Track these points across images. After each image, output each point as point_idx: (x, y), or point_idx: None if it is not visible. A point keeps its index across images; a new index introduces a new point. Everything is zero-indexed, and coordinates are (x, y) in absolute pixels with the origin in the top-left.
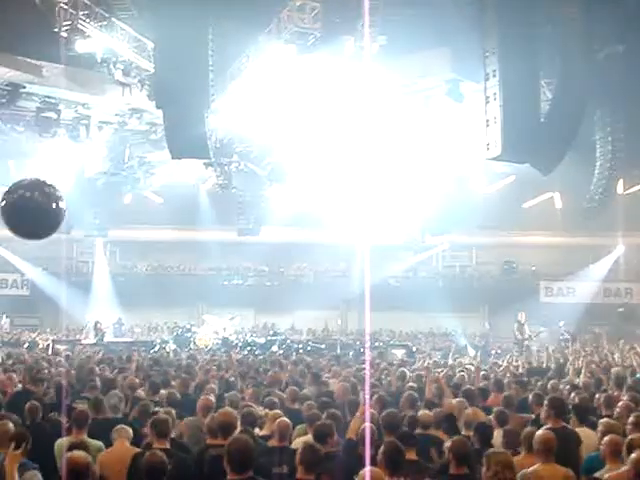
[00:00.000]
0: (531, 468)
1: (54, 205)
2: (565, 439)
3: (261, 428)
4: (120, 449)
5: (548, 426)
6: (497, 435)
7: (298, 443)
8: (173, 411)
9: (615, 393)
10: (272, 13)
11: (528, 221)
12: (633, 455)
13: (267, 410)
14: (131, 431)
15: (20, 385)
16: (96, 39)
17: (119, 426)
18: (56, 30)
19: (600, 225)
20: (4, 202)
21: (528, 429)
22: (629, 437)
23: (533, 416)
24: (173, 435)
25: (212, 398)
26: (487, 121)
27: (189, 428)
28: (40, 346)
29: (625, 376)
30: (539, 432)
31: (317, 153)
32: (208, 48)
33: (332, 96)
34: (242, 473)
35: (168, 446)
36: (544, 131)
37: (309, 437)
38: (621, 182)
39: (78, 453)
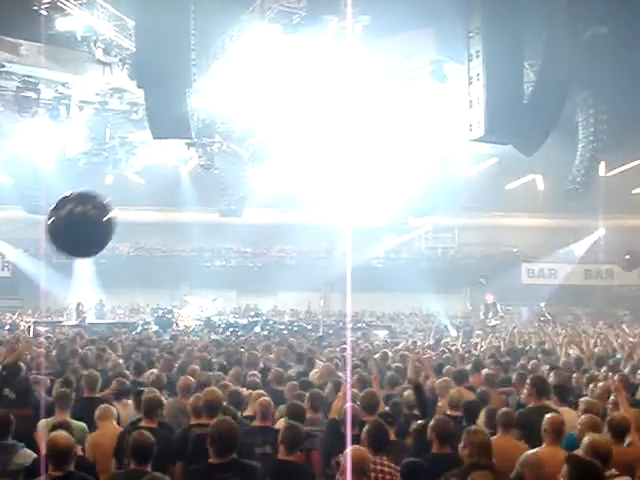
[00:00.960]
0: (533, 450)
1: (106, 218)
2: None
3: (244, 409)
4: (110, 430)
5: (530, 405)
6: (481, 415)
7: (281, 423)
8: (157, 391)
9: (596, 373)
10: None
11: (510, 203)
12: (585, 439)
13: (250, 391)
14: (115, 410)
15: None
16: (76, 17)
17: (103, 406)
18: (36, 8)
19: (582, 207)
20: (52, 221)
21: (504, 409)
22: (609, 416)
23: (514, 390)
24: None
25: (192, 379)
26: (470, 102)
27: (169, 409)
28: (21, 328)
29: (605, 356)
30: (549, 415)
31: (300, 134)
32: (190, 27)
33: (315, 76)
34: (225, 456)
35: (156, 425)
36: (527, 112)
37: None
38: (603, 164)
39: (61, 434)
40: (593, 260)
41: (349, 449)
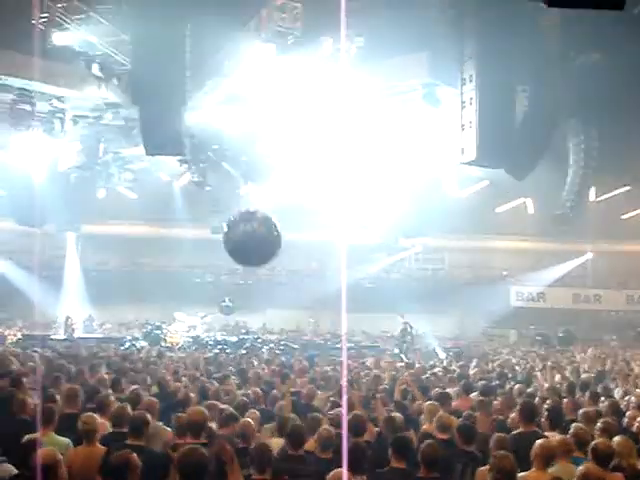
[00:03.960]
0: (522, 474)
1: (275, 233)
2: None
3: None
4: (87, 447)
5: (519, 430)
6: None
7: (273, 443)
8: (129, 407)
9: (580, 398)
10: (252, 11)
11: (500, 226)
12: (580, 468)
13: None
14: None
15: None
16: (74, 32)
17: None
18: (33, 22)
19: (572, 231)
20: (229, 238)
21: (497, 435)
22: (595, 442)
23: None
24: None
25: (155, 399)
26: (462, 126)
27: None
28: (9, 341)
29: (590, 382)
30: (540, 441)
31: (293, 153)
32: (185, 45)
33: (309, 96)
34: None
35: (143, 443)
36: (519, 137)
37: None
38: (593, 189)
39: (48, 449)
40: (581, 284)
41: (335, 472)
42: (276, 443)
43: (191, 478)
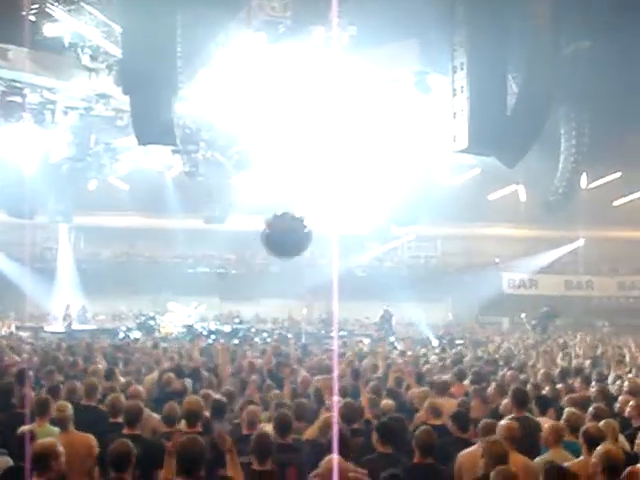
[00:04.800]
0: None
1: (306, 230)
2: (527, 429)
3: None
4: (75, 435)
5: (511, 416)
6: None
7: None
8: (122, 396)
9: (575, 384)
10: (242, 1)
11: (492, 213)
12: (599, 448)
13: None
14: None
15: None
16: (64, 23)
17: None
18: (23, 13)
19: (564, 218)
20: (268, 235)
21: (484, 421)
22: (585, 426)
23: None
24: None
25: (141, 388)
26: (454, 114)
27: None
28: (2, 333)
29: (583, 368)
30: (502, 421)
31: (285, 142)
32: (176, 34)
33: (301, 85)
34: (190, 476)
35: (139, 432)
36: (510, 124)
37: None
38: (584, 176)
39: (46, 439)
40: (573, 271)
41: (327, 457)
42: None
43: (190, 467)
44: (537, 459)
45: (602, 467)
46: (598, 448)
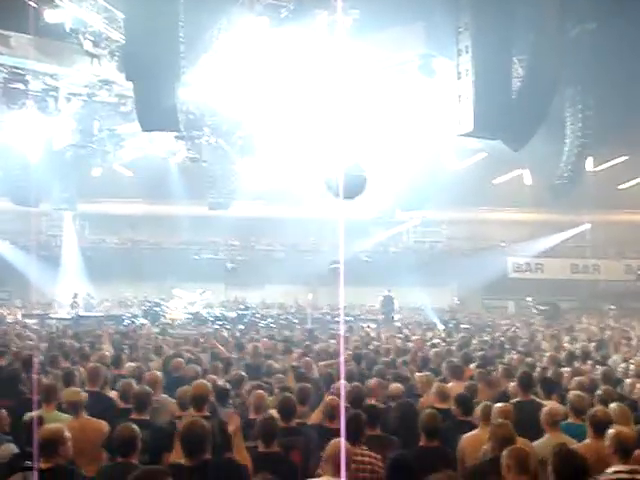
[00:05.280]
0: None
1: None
2: (533, 411)
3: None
4: (88, 421)
5: (517, 399)
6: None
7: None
8: (133, 382)
9: (582, 367)
10: None
11: (498, 197)
12: (611, 431)
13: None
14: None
15: None
16: (65, 9)
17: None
18: (25, 0)
19: (569, 202)
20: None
21: (484, 404)
22: (593, 409)
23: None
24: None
25: (158, 373)
26: (459, 97)
27: None
28: (8, 320)
29: (589, 350)
30: (497, 405)
31: (288, 127)
32: (179, 19)
33: (304, 70)
34: (194, 458)
35: (148, 417)
36: (515, 108)
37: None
38: (590, 160)
39: (53, 424)
40: (579, 254)
41: (333, 441)
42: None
43: (194, 449)
44: (535, 442)
45: (614, 449)
46: (610, 431)
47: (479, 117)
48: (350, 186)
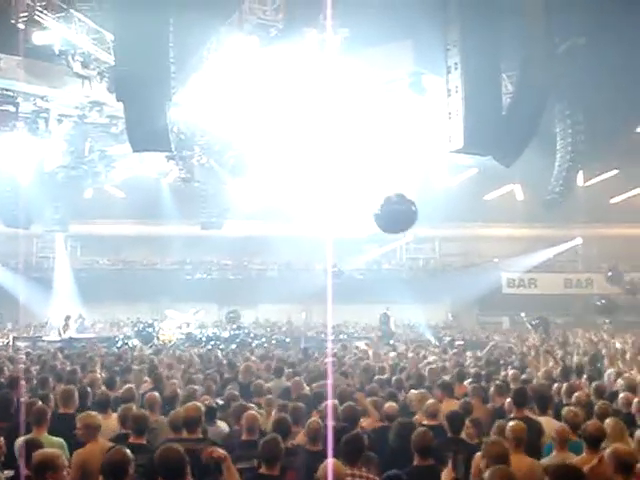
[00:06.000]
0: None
1: (413, 208)
2: (527, 428)
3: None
4: (98, 446)
5: (511, 416)
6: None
7: None
8: (134, 406)
9: (576, 382)
10: (233, 4)
11: (490, 213)
12: (608, 449)
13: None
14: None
15: None
16: (54, 31)
17: (89, 420)
18: (13, 21)
19: (561, 217)
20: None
21: (499, 422)
22: (585, 424)
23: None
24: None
25: (157, 394)
26: (449, 114)
27: None
28: (0, 343)
29: (584, 365)
30: (511, 422)
31: (280, 146)
32: (168, 40)
33: (294, 88)
34: None
35: (145, 442)
36: (506, 124)
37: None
38: (581, 174)
39: (48, 450)
40: (572, 269)
41: (326, 462)
42: None
43: (169, 476)
44: (544, 460)
45: (614, 467)
46: (607, 450)
47: (469, 134)
48: (400, 220)
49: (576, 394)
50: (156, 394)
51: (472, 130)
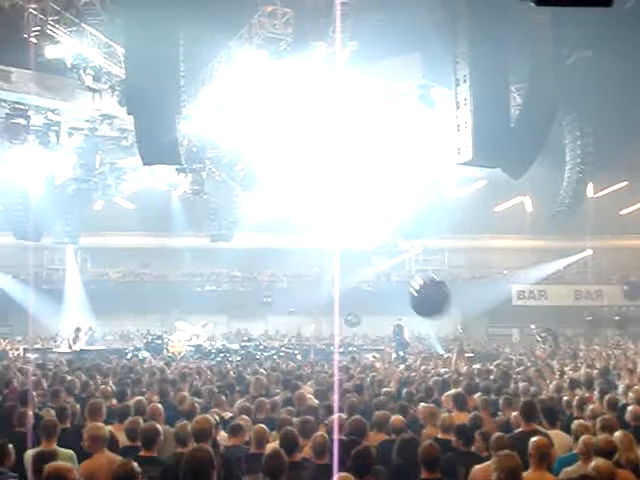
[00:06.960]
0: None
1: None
2: None
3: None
4: (104, 458)
5: (520, 429)
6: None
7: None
8: (140, 419)
9: (586, 395)
10: (243, 19)
11: (499, 225)
12: (591, 464)
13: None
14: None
15: None
16: (66, 45)
17: (95, 432)
18: (25, 36)
19: (570, 228)
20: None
21: (497, 435)
22: (582, 437)
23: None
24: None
25: (159, 405)
26: (458, 126)
27: None
28: (10, 356)
29: (593, 378)
30: (534, 438)
31: (289, 158)
32: (179, 54)
33: (304, 102)
34: None
35: (155, 454)
36: (514, 136)
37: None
38: (591, 185)
39: (60, 462)
40: (582, 281)
41: (337, 476)
42: None
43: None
44: (568, 469)
45: None
46: (591, 464)
47: (478, 146)
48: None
49: (591, 407)
50: (159, 405)
51: (481, 142)
